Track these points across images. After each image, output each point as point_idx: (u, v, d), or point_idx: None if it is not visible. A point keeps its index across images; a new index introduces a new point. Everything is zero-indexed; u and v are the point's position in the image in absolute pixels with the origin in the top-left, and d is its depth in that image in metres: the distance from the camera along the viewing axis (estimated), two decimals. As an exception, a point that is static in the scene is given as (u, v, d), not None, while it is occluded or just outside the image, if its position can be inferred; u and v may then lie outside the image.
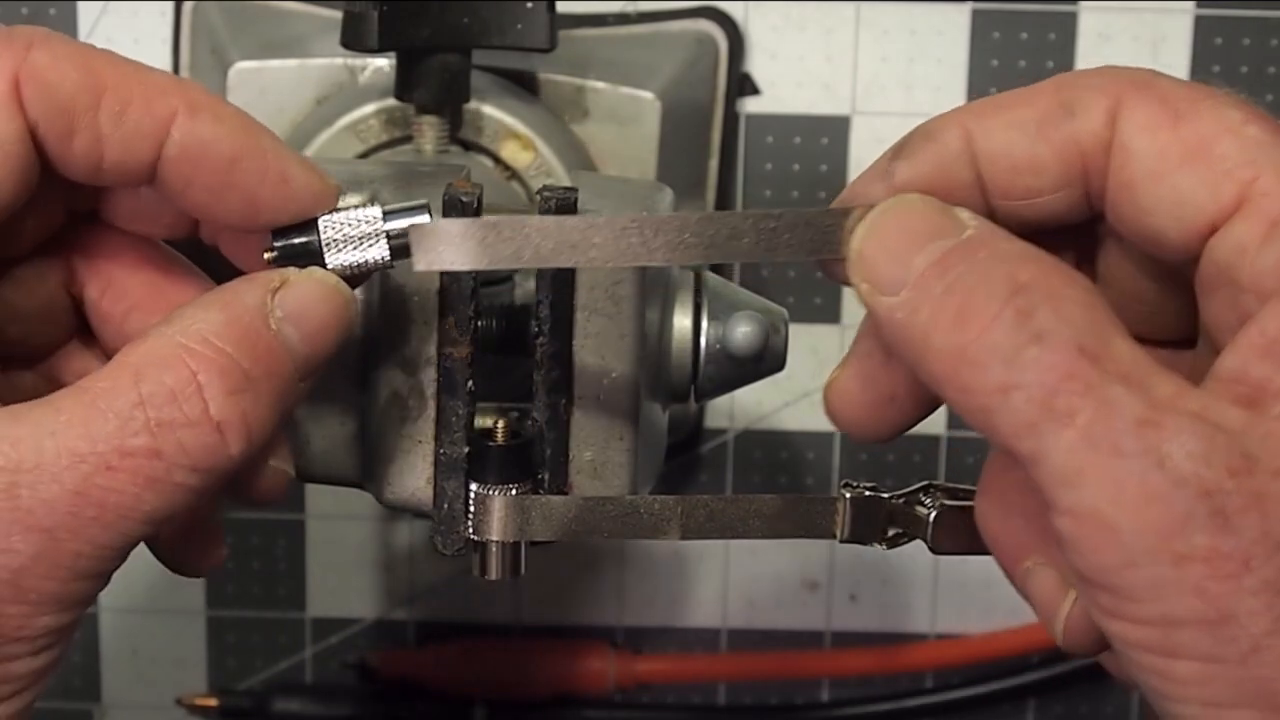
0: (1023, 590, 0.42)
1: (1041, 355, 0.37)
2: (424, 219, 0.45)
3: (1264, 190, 0.38)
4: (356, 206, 0.45)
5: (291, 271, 0.44)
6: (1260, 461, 0.36)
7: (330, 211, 0.45)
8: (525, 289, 0.57)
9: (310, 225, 0.45)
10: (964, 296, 0.38)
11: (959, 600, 0.83)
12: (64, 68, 0.42)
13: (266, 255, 0.45)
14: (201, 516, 0.48)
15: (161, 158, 0.43)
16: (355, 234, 0.45)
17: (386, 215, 0.45)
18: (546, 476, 0.50)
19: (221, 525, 0.50)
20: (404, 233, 0.45)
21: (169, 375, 0.41)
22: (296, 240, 0.45)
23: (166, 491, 0.41)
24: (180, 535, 0.47)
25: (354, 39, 0.62)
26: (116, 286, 0.48)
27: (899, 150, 0.43)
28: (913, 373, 0.40)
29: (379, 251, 0.45)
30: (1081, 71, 0.42)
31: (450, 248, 0.43)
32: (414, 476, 0.51)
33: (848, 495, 0.48)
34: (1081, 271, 0.43)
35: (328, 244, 0.45)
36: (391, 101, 0.66)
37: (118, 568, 0.43)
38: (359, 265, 0.45)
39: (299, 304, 0.44)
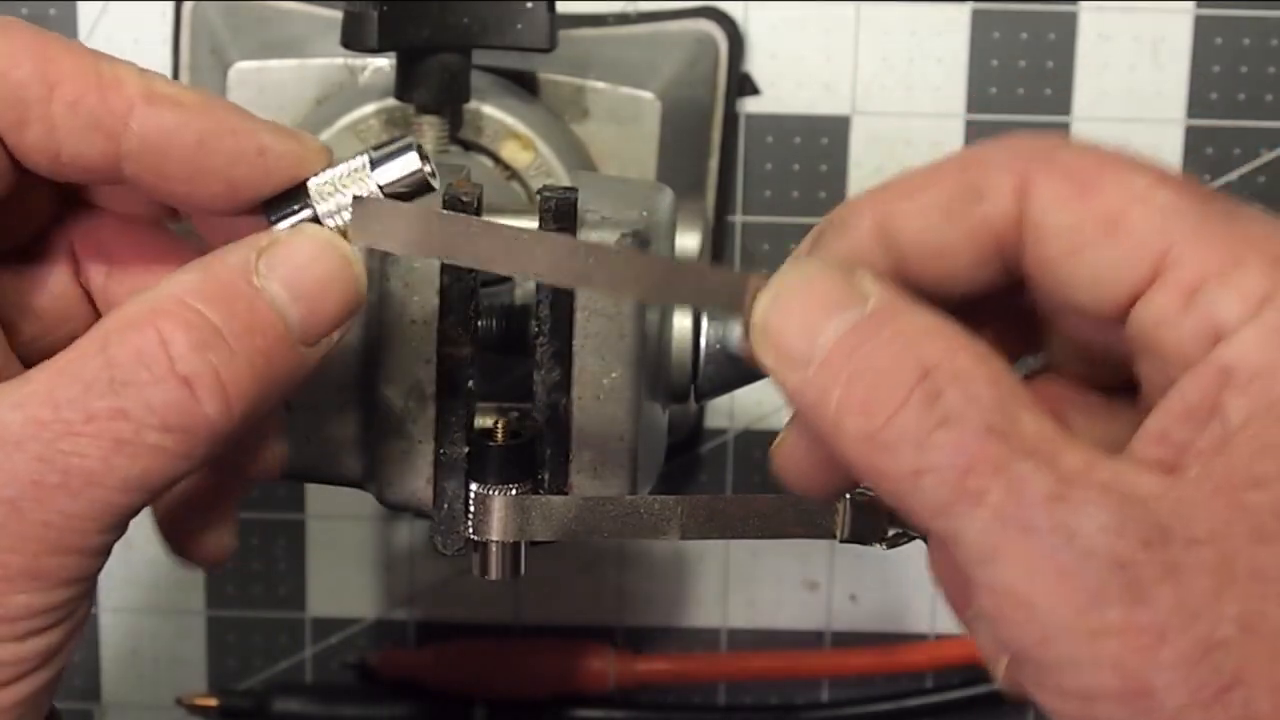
0: (970, 632, 0.42)
1: (950, 438, 0.37)
2: (411, 158, 0.43)
3: (1177, 258, 0.38)
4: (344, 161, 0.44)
5: (283, 230, 0.43)
6: (1174, 531, 0.36)
7: (320, 173, 0.44)
8: (525, 289, 0.57)
9: (301, 190, 0.44)
10: (871, 380, 0.38)
11: (959, 600, 0.83)
12: (18, 57, 0.42)
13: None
14: (206, 498, 0.47)
15: (124, 152, 0.42)
16: (348, 190, 0.43)
17: (374, 163, 0.43)
18: (546, 476, 0.50)
19: (235, 514, 0.48)
20: (397, 180, 0.43)
21: (135, 336, 0.40)
22: (290, 209, 0.44)
23: (140, 454, 0.40)
24: (184, 516, 0.46)
25: (354, 39, 0.62)
26: (119, 270, 0.47)
27: (815, 240, 0.43)
28: None
29: None
30: (986, 146, 0.41)
31: (391, 229, 0.42)
32: (414, 476, 0.51)
33: (848, 495, 0.48)
34: (1023, 324, 0.43)
35: (320, 203, 0.43)
36: (391, 101, 0.66)
37: (107, 543, 0.41)
38: None
39: (289, 261, 0.42)
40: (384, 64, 0.69)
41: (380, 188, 0.43)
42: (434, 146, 0.64)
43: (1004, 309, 0.43)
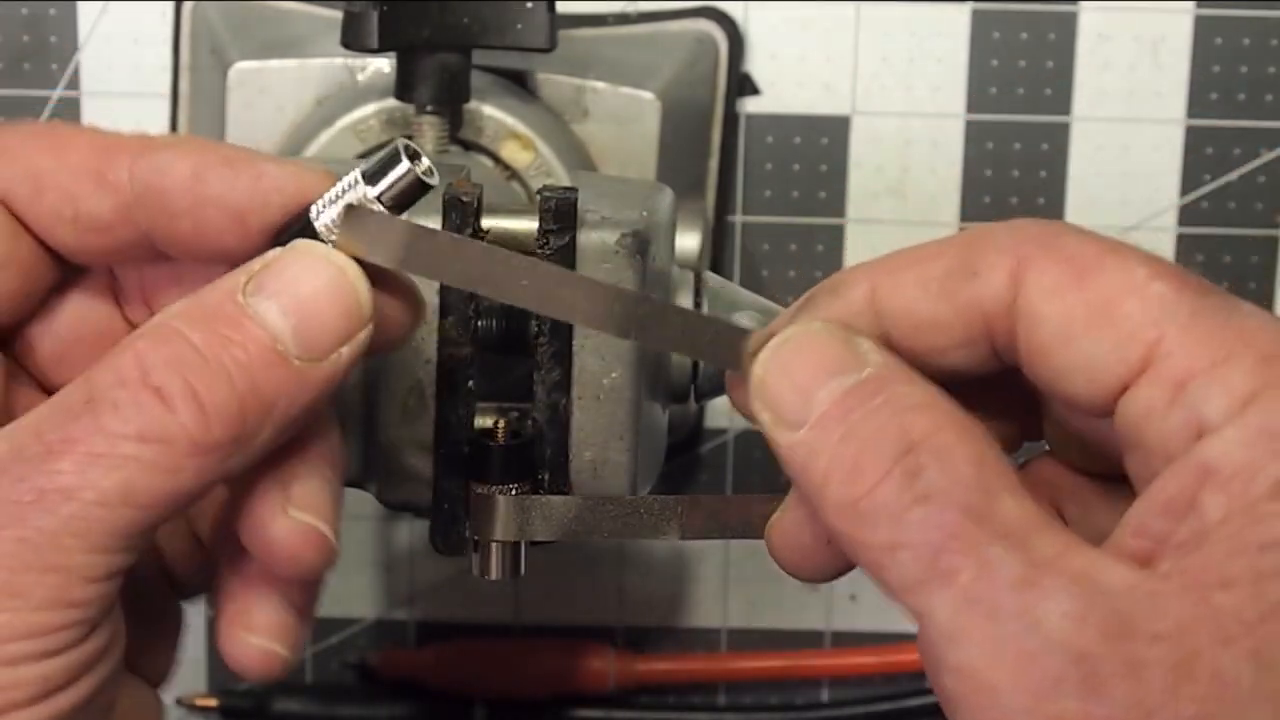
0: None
1: (927, 515, 0.37)
2: (401, 165, 0.42)
3: (1168, 351, 0.38)
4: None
5: (275, 251, 0.42)
6: (1138, 625, 0.35)
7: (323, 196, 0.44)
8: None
9: (304, 214, 0.43)
10: (858, 448, 0.38)
11: (959, 600, 0.83)
12: (32, 142, 0.44)
13: None
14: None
15: (131, 201, 0.43)
16: (345, 204, 0.43)
17: (366, 175, 0.43)
18: (546, 476, 0.50)
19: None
20: (391, 187, 0.43)
21: (115, 359, 0.40)
22: (293, 231, 0.43)
23: (115, 466, 0.39)
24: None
25: (354, 39, 0.62)
26: (158, 308, 0.47)
27: (805, 303, 0.43)
28: None
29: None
30: (989, 227, 0.41)
31: (375, 240, 0.42)
32: (414, 476, 0.51)
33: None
34: (1026, 408, 0.43)
35: (317, 221, 0.43)
36: (391, 101, 0.66)
37: (97, 565, 0.40)
38: None
39: (279, 277, 0.41)
40: (384, 64, 0.69)
41: (378, 199, 0.43)
42: (434, 146, 0.64)
43: (1008, 390, 0.43)
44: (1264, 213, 0.79)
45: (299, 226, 0.43)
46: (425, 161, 0.43)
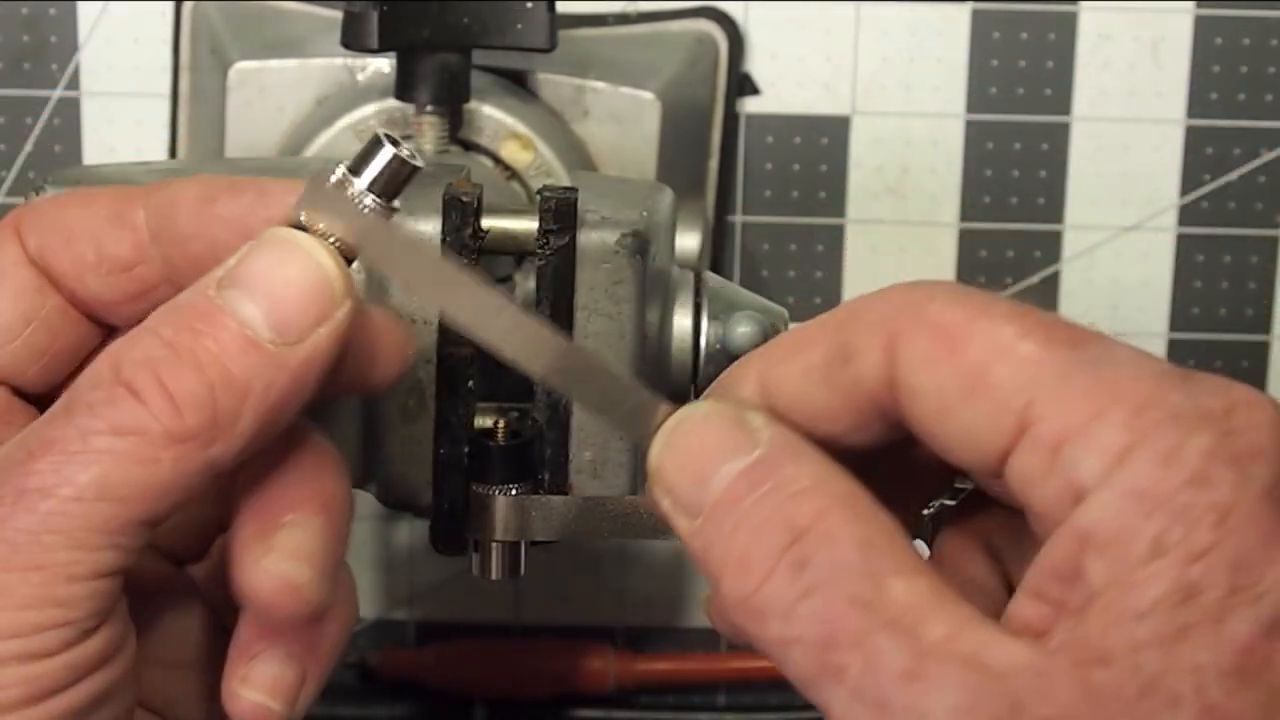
0: None
1: (813, 609, 0.36)
2: (386, 151, 0.42)
3: (1039, 415, 0.36)
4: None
5: (247, 245, 0.42)
6: (1026, 710, 0.35)
7: None
8: (525, 289, 0.57)
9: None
10: (747, 540, 0.37)
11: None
12: (66, 197, 0.47)
13: None
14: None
15: (147, 238, 0.44)
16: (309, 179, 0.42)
17: (352, 169, 0.42)
18: (546, 476, 0.50)
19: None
20: (377, 178, 0.42)
21: (95, 366, 0.41)
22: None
23: (90, 460, 0.39)
24: None
25: (354, 39, 0.62)
26: None
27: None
28: None
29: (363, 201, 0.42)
30: (862, 301, 0.40)
31: (326, 215, 0.42)
32: (414, 476, 0.51)
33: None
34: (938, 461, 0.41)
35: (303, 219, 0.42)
36: (391, 101, 0.66)
37: (84, 564, 0.40)
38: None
39: (248, 266, 0.41)
40: (384, 64, 0.69)
41: (368, 189, 0.42)
42: (434, 146, 0.64)
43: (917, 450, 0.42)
44: (1264, 213, 0.79)
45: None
46: (406, 147, 0.42)
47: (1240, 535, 0.35)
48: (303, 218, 0.42)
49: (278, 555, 0.42)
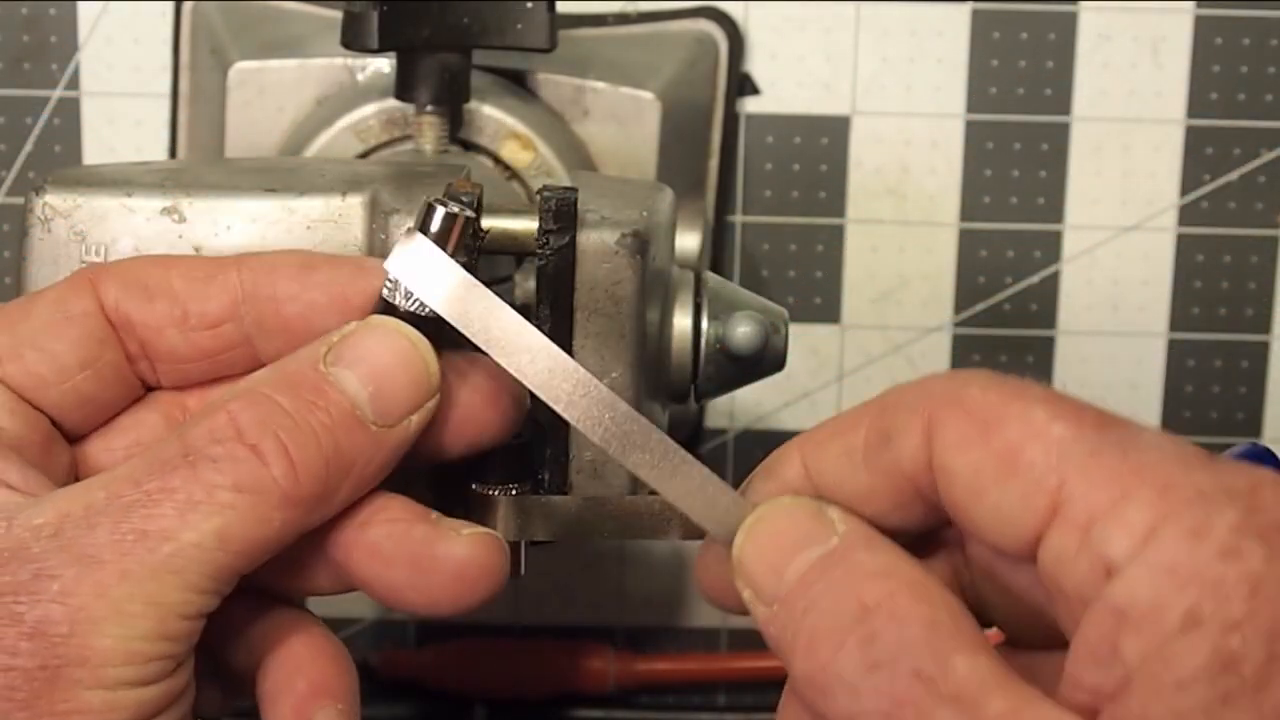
0: None
1: (879, 684, 0.37)
2: (439, 213, 0.45)
3: (1070, 496, 0.38)
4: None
5: (351, 324, 0.45)
6: None
7: None
8: (525, 289, 0.57)
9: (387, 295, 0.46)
10: (817, 620, 0.39)
11: (959, 600, 0.83)
12: (139, 259, 0.48)
13: None
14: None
15: (239, 297, 0.46)
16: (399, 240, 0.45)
17: (419, 227, 0.45)
18: (546, 476, 0.50)
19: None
20: (438, 231, 0.45)
21: (208, 420, 0.43)
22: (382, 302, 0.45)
23: (213, 512, 0.42)
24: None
25: (354, 39, 0.62)
26: None
27: (746, 488, 0.43)
28: None
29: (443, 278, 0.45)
30: (902, 389, 0.41)
31: (423, 278, 0.44)
32: (415, 477, 0.51)
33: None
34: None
35: (395, 293, 0.45)
36: (391, 101, 0.66)
37: (189, 604, 0.42)
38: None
39: (356, 348, 0.44)
40: (384, 64, 0.69)
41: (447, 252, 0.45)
42: (434, 146, 0.64)
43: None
44: (1264, 213, 0.79)
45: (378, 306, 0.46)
46: (461, 208, 0.45)
47: (1275, 604, 0.35)
48: (390, 281, 0.44)
49: None
